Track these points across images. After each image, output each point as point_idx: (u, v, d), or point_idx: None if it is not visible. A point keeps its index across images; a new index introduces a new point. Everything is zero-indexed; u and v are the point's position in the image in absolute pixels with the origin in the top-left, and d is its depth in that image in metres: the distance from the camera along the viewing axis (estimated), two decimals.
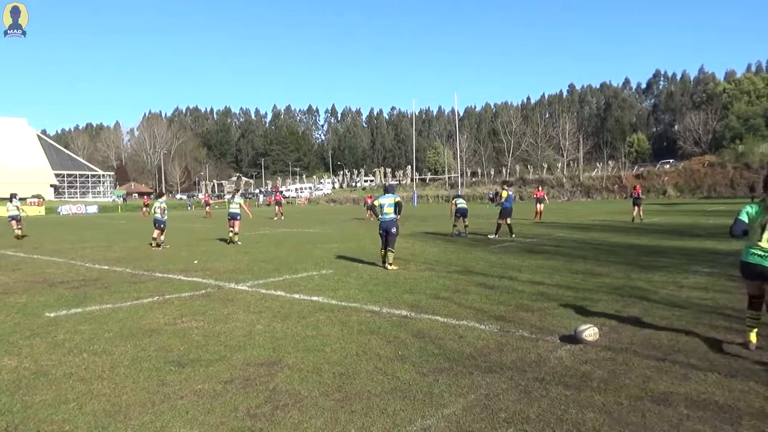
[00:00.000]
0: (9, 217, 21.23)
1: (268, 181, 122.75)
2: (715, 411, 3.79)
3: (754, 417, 3.70)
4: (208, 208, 42.10)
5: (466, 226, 18.50)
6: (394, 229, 10.97)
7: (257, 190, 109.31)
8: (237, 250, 14.97)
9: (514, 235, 16.92)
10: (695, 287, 8.07)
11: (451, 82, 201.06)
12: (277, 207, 35.10)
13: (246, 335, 5.89)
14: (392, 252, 10.90)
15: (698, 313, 6.43)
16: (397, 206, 11.11)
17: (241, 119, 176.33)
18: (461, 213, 18.58)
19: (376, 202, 11.57)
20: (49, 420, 3.88)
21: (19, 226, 20.94)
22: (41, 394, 4.35)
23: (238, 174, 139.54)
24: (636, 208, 23.91)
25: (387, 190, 11.59)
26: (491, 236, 17.13)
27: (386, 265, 10.75)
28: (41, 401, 4.20)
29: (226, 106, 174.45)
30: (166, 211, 17.16)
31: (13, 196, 21.96)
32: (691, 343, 5.30)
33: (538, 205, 26.74)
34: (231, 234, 17.08)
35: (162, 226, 16.70)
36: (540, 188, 35.64)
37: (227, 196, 20.61)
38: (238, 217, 17.29)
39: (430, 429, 3.60)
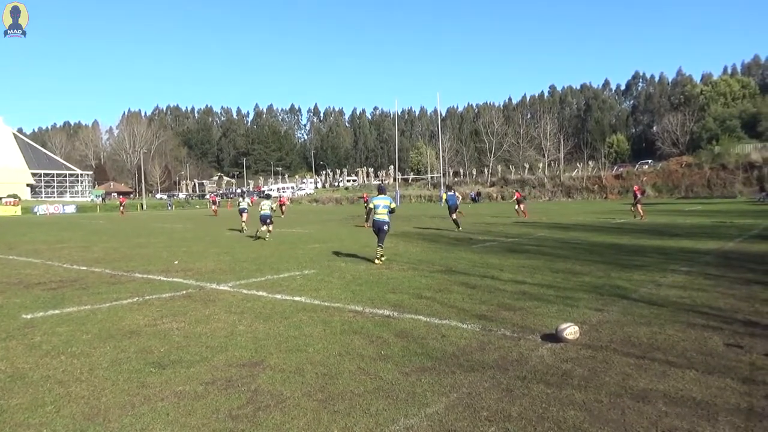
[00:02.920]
0: None
1: (249, 181, 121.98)
2: (692, 407, 3.86)
3: (731, 413, 3.77)
4: (215, 206, 42.75)
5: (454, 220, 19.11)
6: (385, 227, 11.61)
7: (239, 190, 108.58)
8: (219, 251, 14.86)
9: (460, 228, 19.78)
10: (673, 286, 8.19)
11: (434, 82, 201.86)
12: (279, 208, 34.54)
13: (227, 336, 5.84)
14: (381, 248, 11.47)
15: (676, 311, 6.53)
16: (391, 211, 11.68)
17: (223, 118, 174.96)
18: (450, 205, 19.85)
19: (370, 204, 12.06)
20: (26, 424, 3.81)
21: None
22: (17, 397, 4.27)
23: (219, 174, 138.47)
24: (637, 205, 24.75)
25: (380, 190, 12.12)
26: (459, 230, 19.36)
27: (375, 259, 11.38)
28: (17, 405, 4.13)
29: (207, 105, 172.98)
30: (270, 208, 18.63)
31: None
32: (669, 340, 5.38)
33: (520, 205, 27.11)
34: (243, 225, 21.75)
35: (269, 220, 18.00)
36: (518, 190, 36.07)
37: (240, 199, 24.67)
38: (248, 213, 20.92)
39: (412, 428, 3.60)
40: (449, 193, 21.83)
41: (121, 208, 48.68)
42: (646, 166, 69.52)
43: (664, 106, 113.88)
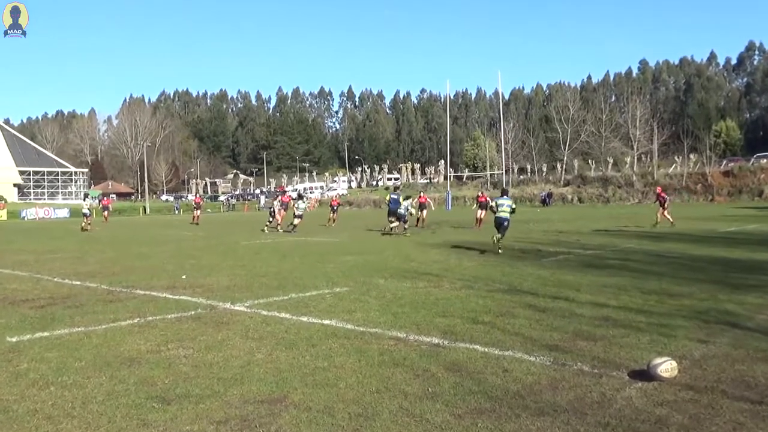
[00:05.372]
0: None
1: (271, 180, 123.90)
2: None
3: None
4: (198, 211, 41.52)
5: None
6: (506, 223, 16.16)
7: (257, 190, 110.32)
8: (234, 263, 15.10)
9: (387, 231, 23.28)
10: None
11: (494, 58, 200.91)
12: (331, 213, 33.50)
13: (244, 366, 5.92)
14: (501, 238, 15.86)
15: None
16: (512, 211, 16.34)
17: (240, 105, 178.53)
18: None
19: (492, 203, 17.30)
20: None
21: None
22: None
23: (235, 171, 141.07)
24: (661, 209, 25.86)
25: (504, 192, 17.61)
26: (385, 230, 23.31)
27: (498, 249, 15.62)
28: None
29: (221, 90, 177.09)
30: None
31: None
32: None
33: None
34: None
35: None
36: (482, 192, 33.27)
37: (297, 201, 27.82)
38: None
39: None
40: (393, 195, 24.29)
41: (105, 213, 48.68)
42: (765, 160, 67.21)
43: None
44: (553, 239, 20.06)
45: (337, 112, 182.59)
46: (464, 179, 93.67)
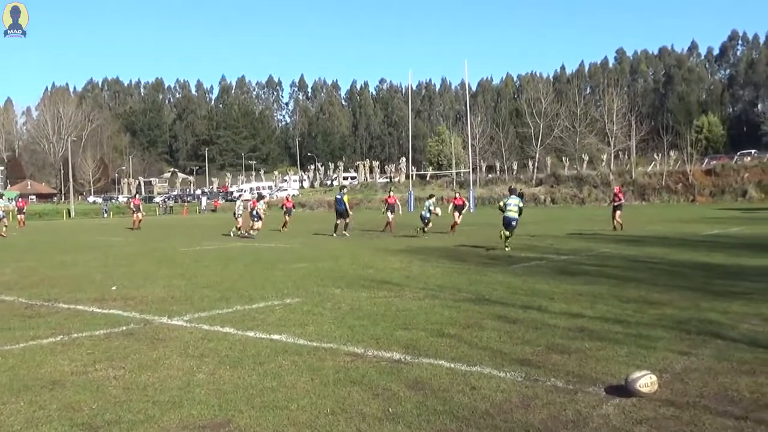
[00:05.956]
0: None
1: (213, 179, 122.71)
2: None
3: None
4: (138, 214, 40.09)
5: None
6: (513, 223, 18.08)
7: (198, 191, 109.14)
8: (171, 272, 14.91)
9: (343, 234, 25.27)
10: None
11: (460, 46, 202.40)
12: (286, 216, 33.06)
13: (182, 387, 5.84)
14: (509, 236, 18.01)
15: None
16: (520, 211, 18.41)
17: (178, 95, 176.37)
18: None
19: (500, 202, 18.98)
20: None
21: None
22: None
23: (172, 169, 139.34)
24: (617, 213, 26.30)
25: (512, 192, 19.21)
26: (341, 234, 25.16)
27: (505, 247, 17.80)
28: None
29: (157, 78, 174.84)
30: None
31: None
32: None
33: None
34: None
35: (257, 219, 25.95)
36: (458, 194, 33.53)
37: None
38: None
39: None
40: (337, 195, 26.93)
41: (21, 216, 47.43)
42: (749, 158, 69.20)
43: None
44: (524, 244, 20.29)
45: (287, 104, 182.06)
46: (428, 178, 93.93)
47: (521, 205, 18.52)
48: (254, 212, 27.29)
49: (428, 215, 24.19)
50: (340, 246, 21.51)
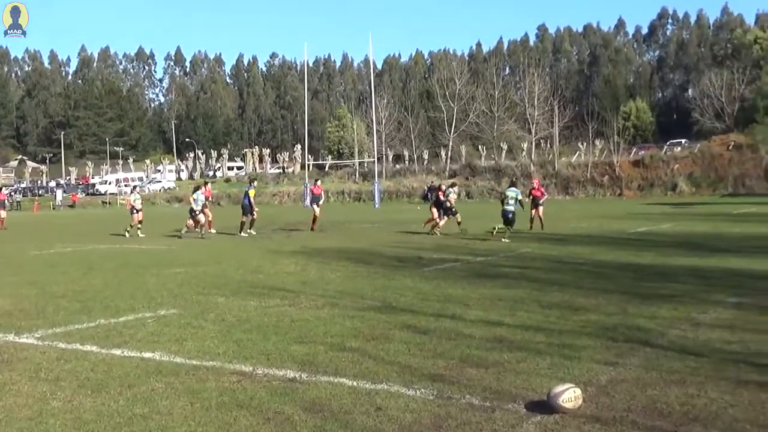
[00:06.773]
0: None
1: (70, 168, 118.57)
2: None
3: None
4: (3, 212, 37.92)
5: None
6: (511, 215, 21.11)
7: (53, 183, 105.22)
8: (20, 280, 14.34)
9: (248, 233, 25.68)
10: (717, 325, 8.55)
11: (364, 18, 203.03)
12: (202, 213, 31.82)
13: (33, 418, 5.63)
14: (509, 230, 21.09)
15: (721, 364, 6.78)
16: (519, 202, 21.54)
17: (28, 68, 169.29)
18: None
19: (501, 195, 22.35)
20: None
21: None
22: None
23: (20, 156, 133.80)
24: (536, 209, 26.41)
25: (512, 184, 23.05)
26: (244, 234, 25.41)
27: (502, 239, 20.53)
28: None
29: (2, 48, 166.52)
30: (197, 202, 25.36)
31: None
32: (712, 406, 5.56)
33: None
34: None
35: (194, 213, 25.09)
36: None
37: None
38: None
39: None
40: (247, 188, 27.47)
41: None
42: (679, 149, 72.15)
43: (703, 60, 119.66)
44: (436, 243, 20.57)
45: (161, 81, 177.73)
46: (327, 168, 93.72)
47: (520, 196, 21.93)
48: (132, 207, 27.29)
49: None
50: (226, 247, 21.26)
